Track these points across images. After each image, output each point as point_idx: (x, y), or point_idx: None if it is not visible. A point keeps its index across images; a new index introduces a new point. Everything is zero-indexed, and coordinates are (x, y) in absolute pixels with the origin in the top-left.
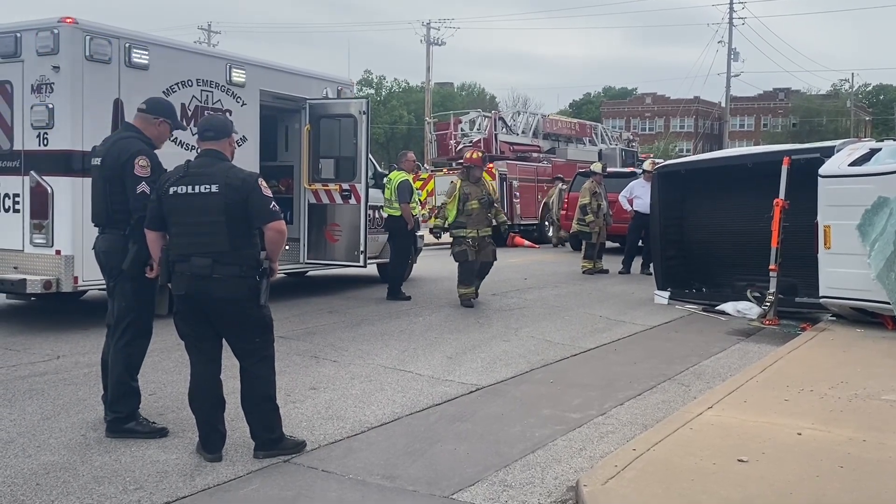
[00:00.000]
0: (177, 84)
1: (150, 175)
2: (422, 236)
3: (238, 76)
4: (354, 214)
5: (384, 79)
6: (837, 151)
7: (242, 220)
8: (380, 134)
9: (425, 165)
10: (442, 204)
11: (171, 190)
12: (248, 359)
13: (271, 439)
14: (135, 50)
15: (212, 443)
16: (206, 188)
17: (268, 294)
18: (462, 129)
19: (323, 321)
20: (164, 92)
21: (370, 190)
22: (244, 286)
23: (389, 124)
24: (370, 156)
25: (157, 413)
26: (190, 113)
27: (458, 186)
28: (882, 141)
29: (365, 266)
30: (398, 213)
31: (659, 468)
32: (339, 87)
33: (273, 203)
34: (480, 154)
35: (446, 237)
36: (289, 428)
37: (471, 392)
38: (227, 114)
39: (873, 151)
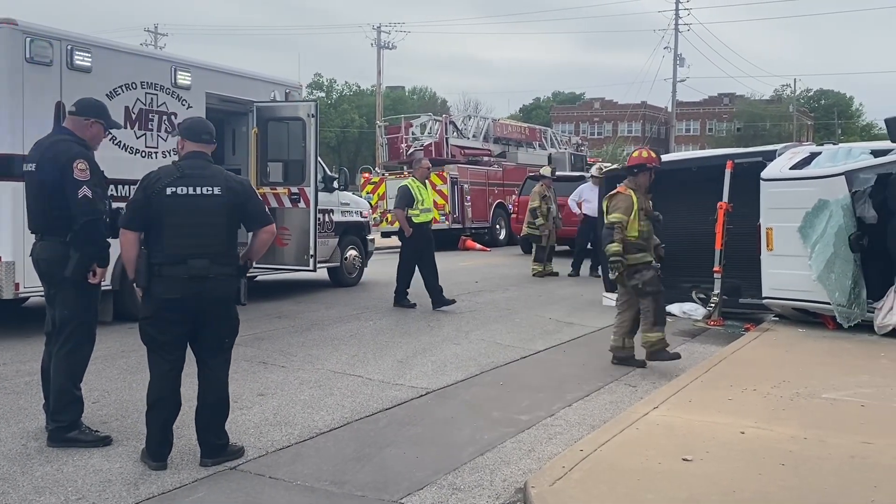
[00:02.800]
0: (120, 87)
1: (91, 178)
2: (372, 240)
3: (183, 79)
4: (304, 218)
5: (335, 82)
6: (779, 155)
7: (237, 223)
8: (331, 137)
9: (376, 169)
10: (618, 223)
11: (169, 191)
12: (215, 360)
13: (219, 445)
14: (77, 52)
15: (160, 451)
16: (208, 190)
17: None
18: (413, 133)
19: (272, 326)
20: (107, 95)
21: (320, 193)
22: (234, 285)
23: (341, 128)
24: (319, 159)
25: (101, 421)
26: (134, 116)
27: (633, 199)
28: (822, 145)
29: (315, 270)
30: (418, 220)
31: (605, 468)
32: (288, 90)
33: (265, 206)
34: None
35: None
36: (236, 435)
37: (421, 396)
38: (173, 116)
39: (814, 155)
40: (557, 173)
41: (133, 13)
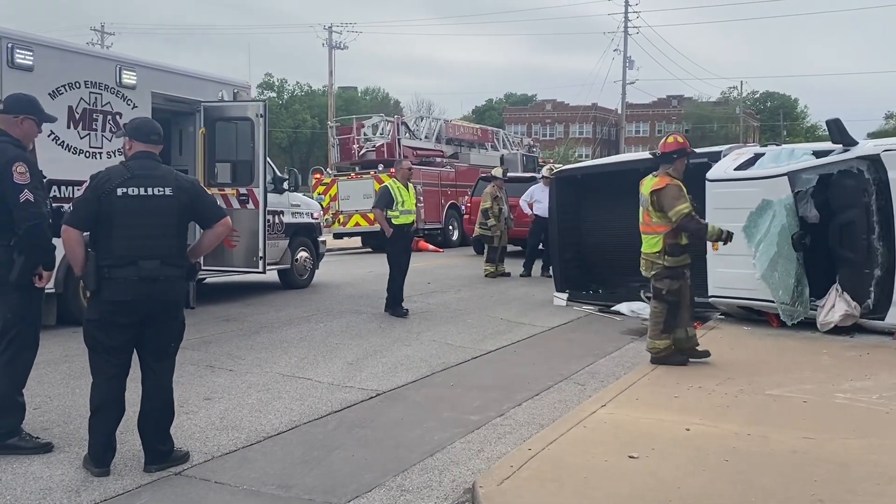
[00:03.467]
0: (64, 86)
1: (31, 181)
2: (324, 241)
3: (129, 78)
4: (253, 219)
5: (286, 82)
6: (724, 156)
7: (187, 223)
8: (282, 138)
9: (328, 170)
10: (690, 212)
11: (120, 191)
12: (160, 364)
13: (164, 451)
14: (18, 50)
15: (104, 457)
16: (159, 191)
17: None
18: (365, 134)
19: (219, 329)
20: (49, 94)
21: (269, 195)
22: (184, 288)
23: (292, 128)
24: (269, 160)
25: (42, 428)
26: (78, 115)
27: (683, 187)
28: (765, 146)
29: (264, 272)
30: (398, 222)
31: (553, 467)
32: (236, 90)
33: (217, 201)
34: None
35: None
36: (181, 440)
37: (371, 398)
38: (118, 116)
39: (757, 156)
40: (509, 174)
41: (79, 12)
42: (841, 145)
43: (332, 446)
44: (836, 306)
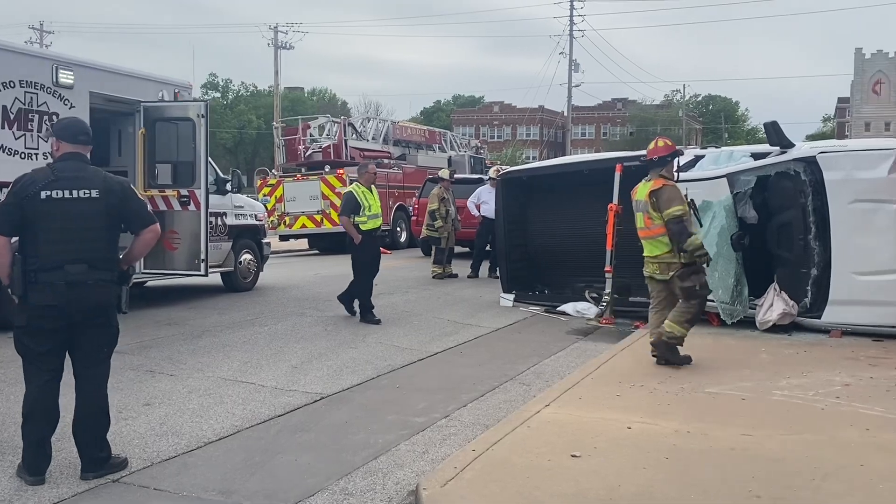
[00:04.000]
0: None
1: None
2: (268, 243)
3: (65, 77)
4: (194, 221)
5: (231, 82)
6: None
7: (117, 226)
8: (227, 139)
9: (273, 171)
10: (684, 214)
11: (44, 194)
12: (92, 370)
13: (101, 458)
14: None
15: (38, 465)
16: (86, 193)
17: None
18: (311, 135)
19: (161, 334)
20: None
21: (212, 196)
22: (114, 292)
23: (237, 129)
24: (211, 161)
25: None
26: (13, 116)
27: (681, 192)
28: (706, 148)
29: (206, 275)
30: (366, 227)
31: (497, 467)
32: (177, 90)
33: (147, 206)
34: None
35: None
36: (120, 445)
37: (315, 401)
38: (54, 117)
39: (698, 158)
40: (457, 175)
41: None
42: (778, 147)
43: (274, 451)
44: (774, 305)
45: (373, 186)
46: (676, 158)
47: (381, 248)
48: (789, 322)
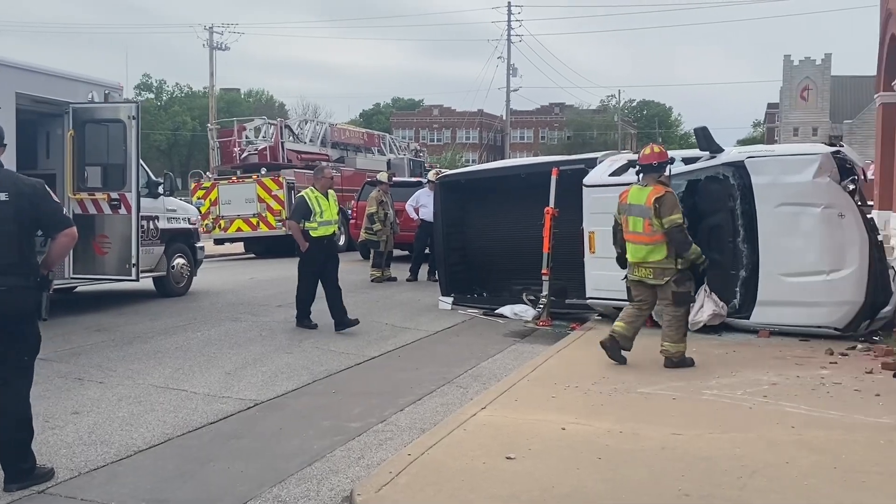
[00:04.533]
0: None
1: None
2: (202, 247)
3: None
4: (125, 225)
5: (165, 83)
6: (600, 163)
7: (30, 229)
8: (161, 140)
9: (208, 174)
10: (683, 222)
11: None
12: (13, 379)
13: (24, 469)
14: None
15: None
16: None
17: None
18: (247, 137)
19: (90, 340)
20: None
21: (144, 199)
22: (31, 298)
23: (171, 130)
24: (143, 163)
25: None
26: None
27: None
28: (638, 153)
29: (138, 280)
30: (316, 234)
31: (432, 471)
32: (107, 91)
33: (63, 208)
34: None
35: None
36: (47, 455)
37: (249, 408)
38: None
39: (631, 163)
40: (396, 179)
41: None
42: (708, 152)
43: (206, 459)
44: (704, 306)
45: (329, 192)
46: (670, 166)
47: None
48: (719, 323)
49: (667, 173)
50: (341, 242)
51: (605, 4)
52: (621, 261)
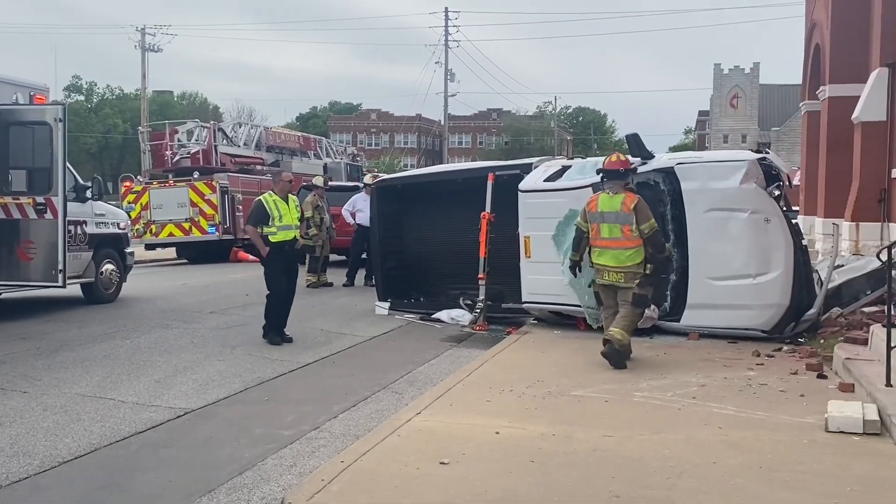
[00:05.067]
0: None
1: None
2: (131, 253)
3: None
4: (51, 230)
5: (95, 85)
6: (535, 168)
7: None
8: (91, 143)
9: (139, 177)
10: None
11: None
12: None
13: None
14: None
15: None
16: None
17: None
18: (179, 140)
19: (14, 349)
20: None
21: (71, 204)
22: None
23: (102, 133)
24: (70, 166)
25: None
26: None
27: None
28: (572, 158)
29: (65, 286)
30: (276, 239)
31: (365, 478)
32: (33, 93)
33: None
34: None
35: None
36: None
37: (178, 416)
38: None
39: (565, 168)
40: (333, 183)
41: None
42: (639, 158)
43: (134, 469)
44: None
45: (289, 196)
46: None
47: (254, 257)
48: (651, 325)
49: (626, 185)
50: None
51: (541, 11)
52: (575, 267)
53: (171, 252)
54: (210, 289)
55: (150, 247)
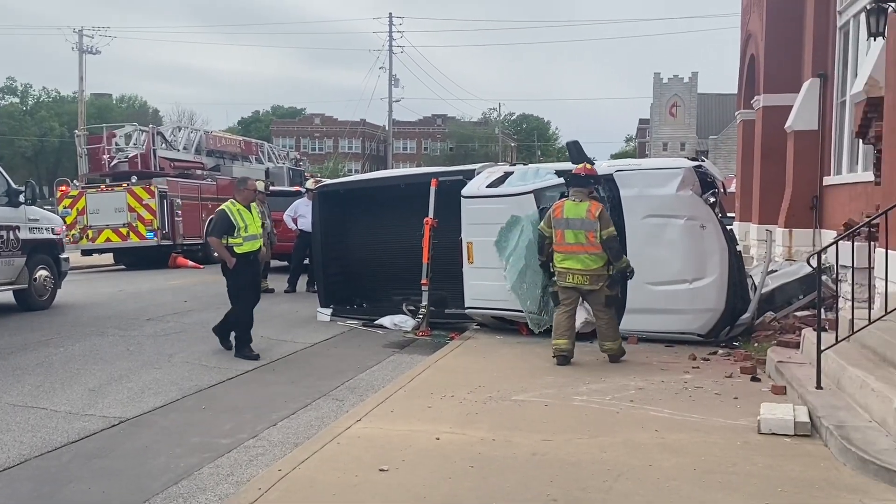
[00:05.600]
0: None
1: None
2: (66, 259)
3: None
4: None
5: (31, 87)
6: (478, 174)
7: None
8: (26, 147)
9: (75, 182)
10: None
11: None
12: None
13: None
14: None
15: None
16: None
17: None
18: (117, 144)
19: None
20: None
21: (2, 208)
22: None
23: (38, 136)
24: (2, 170)
25: None
26: None
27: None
28: (514, 165)
29: None
30: (241, 250)
31: (303, 486)
32: None
33: None
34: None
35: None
36: None
37: (113, 426)
38: None
39: (507, 174)
40: (274, 188)
41: None
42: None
43: (66, 480)
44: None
45: (252, 205)
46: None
47: (193, 263)
48: (591, 330)
49: (590, 193)
50: (216, 253)
51: (487, 19)
52: (545, 266)
53: (108, 258)
54: (148, 295)
55: (86, 252)
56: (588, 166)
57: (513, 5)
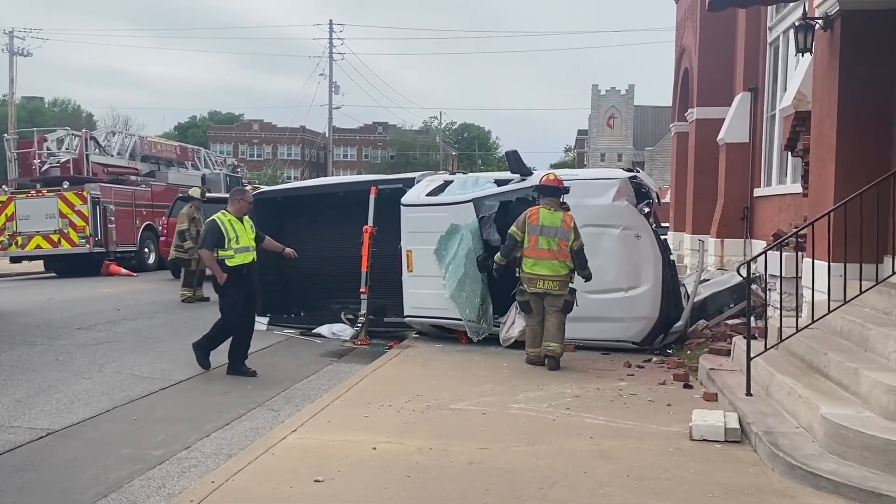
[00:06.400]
0: None
1: None
2: None
3: None
4: None
5: None
6: (417, 182)
7: None
8: None
9: (4, 187)
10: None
11: None
12: None
13: None
14: None
15: None
16: None
17: None
18: (48, 148)
19: None
20: None
21: None
22: None
23: None
24: None
25: None
26: None
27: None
28: (454, 174)
29: None
30: (233, 263)
31: (236, 498)
32: None
33: None
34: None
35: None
36: None
37: (40, 437)
38: None
39: (447, 183)
40: (211, 195)
41: None
42: (519, 175)
43: None
44: (515, 323)
45: (245, 217)
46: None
47: (126, 271)
48: None
49: (563, 204)
50: (151, 260)
51: (428, 27)
52: (499, 270)
53: (38, 265)
54: (79, 303)
55: (15, 259)
56: (558, 177)
57: (456, 15)
